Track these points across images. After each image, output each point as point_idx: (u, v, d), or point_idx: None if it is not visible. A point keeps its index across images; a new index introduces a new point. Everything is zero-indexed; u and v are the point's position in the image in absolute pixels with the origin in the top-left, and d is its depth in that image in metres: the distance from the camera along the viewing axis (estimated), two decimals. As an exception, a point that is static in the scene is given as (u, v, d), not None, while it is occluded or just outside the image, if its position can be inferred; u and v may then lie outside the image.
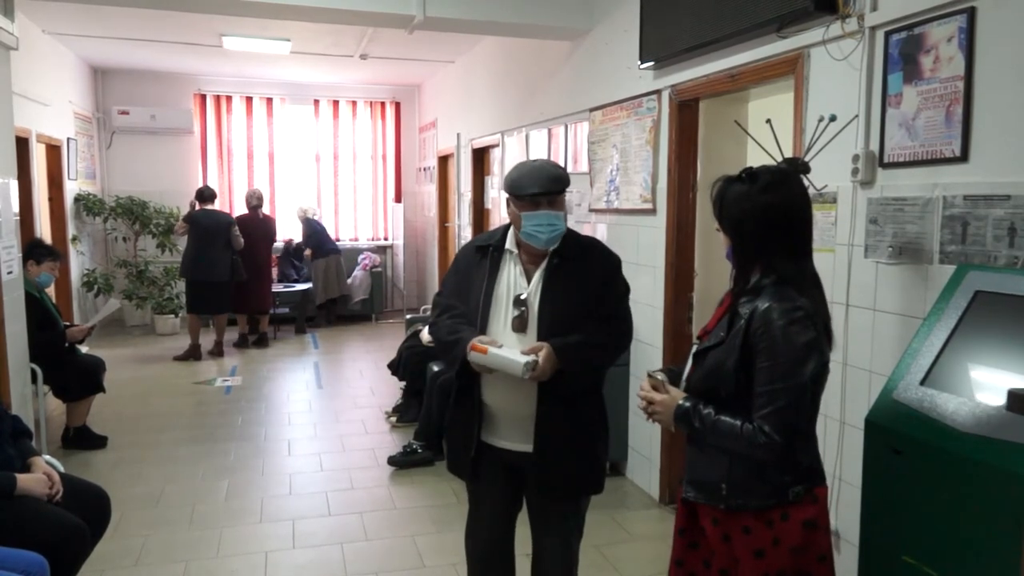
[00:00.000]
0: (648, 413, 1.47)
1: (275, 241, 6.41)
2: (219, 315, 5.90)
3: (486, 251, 1.83)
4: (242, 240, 5.84)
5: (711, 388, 1.38)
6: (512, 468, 1.84)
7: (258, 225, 6.13)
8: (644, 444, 3.29)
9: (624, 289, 1.85)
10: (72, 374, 3.72)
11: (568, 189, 1.82)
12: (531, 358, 1.65)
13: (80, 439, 3.79)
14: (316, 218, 7.17)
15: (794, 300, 1.31)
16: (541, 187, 1.73)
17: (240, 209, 6.91)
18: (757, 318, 1.31)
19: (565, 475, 1.78)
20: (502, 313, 1.77)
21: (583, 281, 1.77)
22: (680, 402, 1.41)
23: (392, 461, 3.56)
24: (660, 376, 1.48)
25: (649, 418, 1.48)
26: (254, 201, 6.18)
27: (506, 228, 1.87)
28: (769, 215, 1.34)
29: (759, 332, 1.31)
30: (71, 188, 6.12)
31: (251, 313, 6.20)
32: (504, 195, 1.85)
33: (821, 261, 1.48)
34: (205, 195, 5.89)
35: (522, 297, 1.76)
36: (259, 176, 7.54)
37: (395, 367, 4.31)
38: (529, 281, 1.79)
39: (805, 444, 1.36)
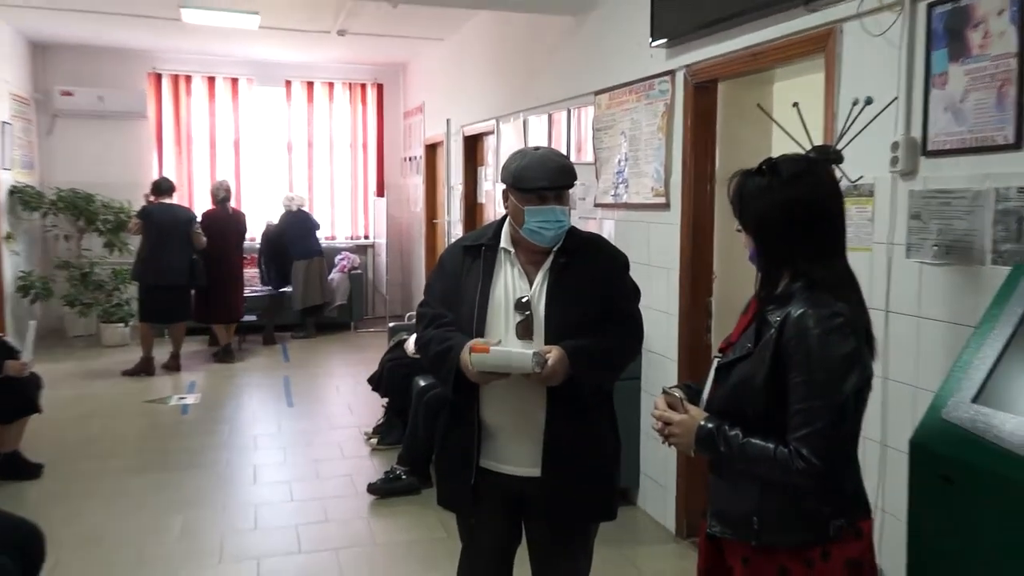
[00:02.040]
0: (664, 435, 1.46)
1: (245, 239, 6.34)
2: (176, 324, 5.86)
3: (478, 251, 1.83)
4: (204, 239, 5.81)
5: (737, 407, 1.37)
6: (513, 496, 1.83)
7: (227, 222, 6.08)
8: (658, 469, 3.28)
9: (633, 288, 1.88)
10: (1, 392, 3.67)
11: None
12: (539, 351, 1.66)
13: (11, 467, 3.73)
14: (303, 209, 7.08)
15: (831, 306, 1.31)
16: (550, 180, 1.74)
17: (201, 204, 6.88)
18: (790, 326, 1.31)
19: (575, 498, 1.78)
20: (502, 319, 1.77)
21: (590, 281, 1.79)
22: (702, 423, 1.40)
23: (372, 489, 3.55)
24: (677, 393, 1.47)
25: (665, 441, 1.47)
26: (221, 194, 6.13)
27: (498, 224, 1.87)
28: (794, 211, 1.34)
29: (792, 342, 1.30)
30: (5, 179, 6.10)
31: (220, 323, 6.14)
32: (499, 187, 1.85)
33: (857, 262, 1.47)
34: (162, 188, 5.86)
35: (524, 300, 1.76)
36: (223, 167, 7.52)
37: (376, 382, 4.30)
38: (530, 283, 1.79)
39: (848, 470, 1.35)
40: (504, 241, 1.82)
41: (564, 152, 3.96)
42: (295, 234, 6.95)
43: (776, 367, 1.31)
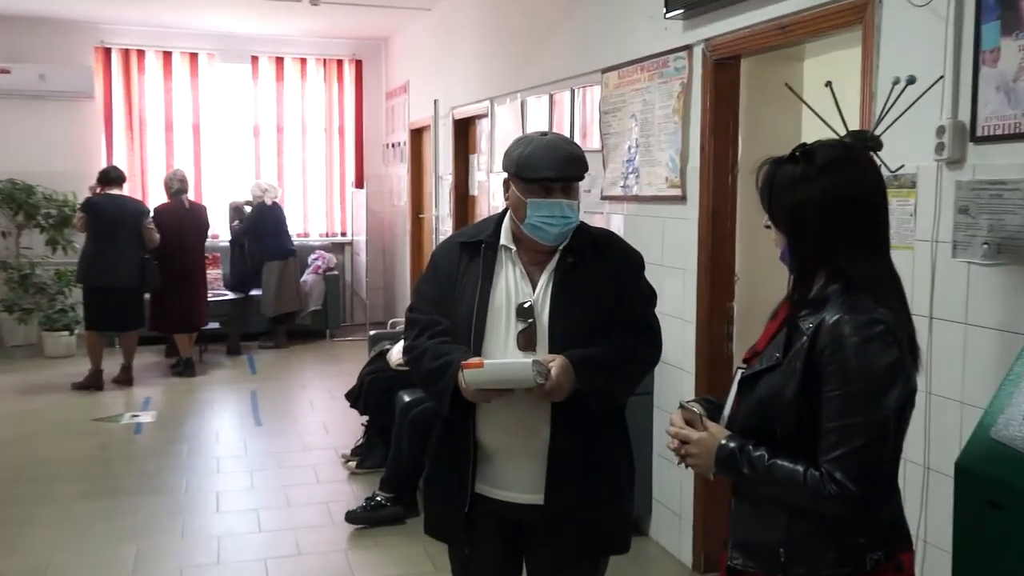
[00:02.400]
0: (680, 455, 1.47)
1: (207, 236, 6.33)
2: (127, 332, 5.84)
3: (476, 249, 1.84)
4: (157, 235, 5.80)
5: (763, 424, 1.38)
6: (511, 526, 1.84)
7: (184, 217, 6.06)
8: (673, 495, 3.29)
9: (649, 291, 1.90)
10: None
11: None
12: (540, 359, 1.67)
13: (-55, 492, 3.74)
14: (277, 202, 7.06)
15: (871, 311, 1.31)
16: (557, 171, 1.75)
17: (156, 196, 6.87)
18: (824, 334, 1.31)
19: (582, 527, 1.79)
20: (502, 327, 1.78)
21: (600, 284, 1.80)
22: (723, 441, 1.40)
23: (351, 518, 3.55)
24: (696, 408, 1.47)
25: (682, 462, 1.48)
26: (175, 185, 6.11)
27: (498, 220, 1.88)
28: (832, 202, 1.34)
29: (827, 352, 1.30)
30: (-64, 169, 6.09)
31: (179, 332, 6.13)
32: (494, 177, 1.86)
33: (897, 262, 1.47)
34: (110, 177, 5.85)
35: (527, 306, 1.77)
36: (181, 154, 7.53)
37: (355, 397, 4.30)
38: (534, 286, 1.80)
39: (886, 496, 1.35)
40: (504, 238, 1.83)
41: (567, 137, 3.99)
42: (268, 231, 6.94)
43: (808, 380, 1.32)
